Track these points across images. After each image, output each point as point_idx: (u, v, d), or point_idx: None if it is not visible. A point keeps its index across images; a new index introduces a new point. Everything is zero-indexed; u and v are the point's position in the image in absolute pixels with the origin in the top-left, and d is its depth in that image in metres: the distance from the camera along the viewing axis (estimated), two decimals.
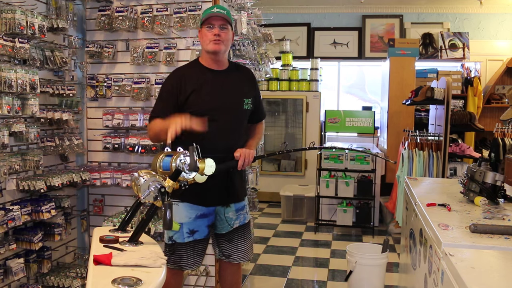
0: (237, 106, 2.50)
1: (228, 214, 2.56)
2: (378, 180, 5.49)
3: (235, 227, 2.60)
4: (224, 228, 2.58)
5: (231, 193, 2.54)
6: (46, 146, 3.04)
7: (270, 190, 6.56)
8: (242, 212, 2.62)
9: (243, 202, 2.64)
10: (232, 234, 2.60)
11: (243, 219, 2.63)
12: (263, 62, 4.00)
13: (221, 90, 2.47)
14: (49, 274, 3.14)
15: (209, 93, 2.44)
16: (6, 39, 2.57)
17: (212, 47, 2.40)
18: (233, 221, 2.58)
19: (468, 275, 1.34)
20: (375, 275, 3.42)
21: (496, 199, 2.19)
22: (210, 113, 2.40)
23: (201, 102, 2.42)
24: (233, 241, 2.61)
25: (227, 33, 2.42)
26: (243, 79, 2.60)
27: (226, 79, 2.50)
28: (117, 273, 1.50)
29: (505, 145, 4.42)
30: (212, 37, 2.38)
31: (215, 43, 2.39)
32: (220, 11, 2.41)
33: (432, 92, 4.55)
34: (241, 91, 2.53)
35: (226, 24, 2.42)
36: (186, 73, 2.50)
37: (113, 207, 3.43)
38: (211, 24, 2.40)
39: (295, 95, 6.76)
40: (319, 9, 7.19)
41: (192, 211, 2.46)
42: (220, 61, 2.50)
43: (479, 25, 6.79)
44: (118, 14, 3.26)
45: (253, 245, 4.65)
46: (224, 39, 2.41)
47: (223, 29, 2.41)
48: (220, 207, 2.54)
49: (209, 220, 2.53)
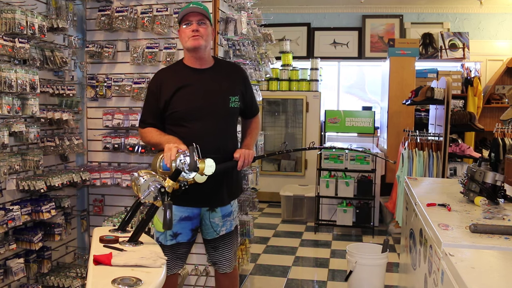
0: (223, 105, 2.43)
1: (213, 219, 2.48)
2: (378, 180, 5.50)
3: (222, 234, 2.53)
4: (210, 234, 2.52)
5: (217, 196, 2.44)
6: (46, 146, 3.04)
7: (270, 190, 6.56)
8: (229, 218, 2.53)
9: (230, 208, 2.54)
10: (218, 242, 2.53)
11: (229, 226, 2.55)
12: (263, 62, 4.00)
13: (205, 89, 2.41)
14: (49, 274, 3.14)
15: (193, 93, 2.39)
16: (6, 39, 2.56)
17: (191, 43, 2.35)
18: (219, 228, 2.50)
19: (468, 275, 1.34)
20: (375, 275, 3.42)
21: (496, 199, 2.19)
22: (194, 113, 2.37)
23: (185, 102, 2.38)
24: (219, 249, 2.55)
25: (206, 28, 2.37)
26: (229, 76, 2.52)
27: (210, 78, 2.45)
28: (117, 273, 1.50)
29: (505, 145, 4.42)
30: (191, 34, 2.34)
31: (194, 39, 2.34)
32: (196, 6, 2.38)
33: (432, 92, 4.55)
34: (226, 89, 2.45)
35: (204, 19, 2.38)
36: (168, 74, 2.48)
37: (113, 207, 3.43)
38: (189, 21, 2.36)
39: (295, 95, 6.77)
40: (319, 9, 7.20)
41: (176, 213, 2.39)
42: (202, 59, 2.44)
43: (479, 25, 6.79)
44: (118, 14, 3.26)
45: (254, 245, 4.69)
46: (203, 34, 2.35)
47: (202, 24, 2.36)
48: (205, 211, 2.48)
49: (193, 223, 2.47)
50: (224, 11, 3.33)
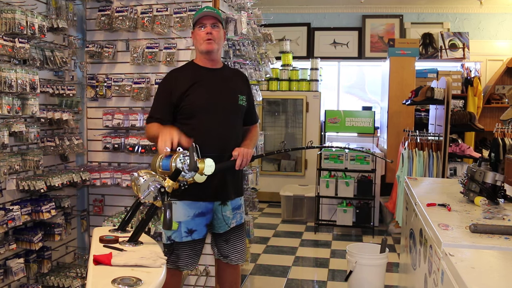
0: (233, 101, 2.58)
1: (225, 212, 2.58)
2: (378, 180, 5.50)
3: (232, 226, 2.62)
4: (222, 227, 2.60)
5: (228, 189, 2.56)
6: (46, 146, 3.04)
7: (270, 190, 6.56)
8: (238, 211, 2.65)
9: (240, 201, 2.67)
10: (229, 234, 2.63)
11: (239, 219, 2.66)
12: (263, 62, 4.00)
13: (217, 85, 2.56)
14: (49, 274, 3.14)
15: (208, 88, 2.53)
16: (6, 39, 2.57)
17: (205, 47, 2.49)
18: (230, 220, 2.60)
19: (468, 275, 1.34)
20: (375, 275, 3.42)
21: (496, 199, 2.19)
22: (208, 106, 2.49)
23: (200, 95, 2.50)
24: (230, 241, 2.64)
25: (218, 32, 2.52)
26: (236, 77, 2.70)
27: (221, 76, 2.60)
28: (117, 273, 1.50)
29: (505, 145, 4.42)
30: (205, 36, 2.48)
31: (208, 42, 2.49)
32: (210, 10, 2.54)
33: (432, 92, 4.55)
34: (236, 87, 2.62)
35: (217, 23, 2.52)
36: (181, 73, 2.61)
37: (113, 207, 3.43)
38: (203, 24, 2.50)
39: (295, 95, 6.77)
40: (319, 9, 7.20)
41: (190, 209, 2.48)
42: (214, 60, 2.59)
43: (479, 25, 6.79)
44: (118, 14, 3.26)
45: (254, 245, 4.69)
46: (216, 38, 2.50)
47: (215, 27, 2.51)
48: (217, 205, 2.56)
49: (207, 219, 2.55)
50: (224, 11, 3.32)
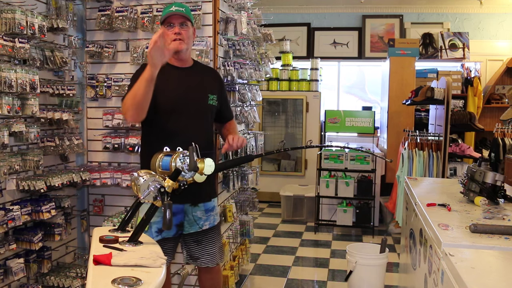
0: (201, 100, 2.55)
1: (196, 213, 2.55)
2: (378, 180, 5.50)
3: (204, 228, 2.58)
4: (193, 228, 2.56)
5: (200, 191, 2.51)
6: (46, 146, 3.04)
7: (270, 190, 6.56)
8: (212, 213, 2.61)
9: (213, 203, 2.64)
10: (201, 236, 2.58)
11: (212, 221, 2.62)
12: (263, 62, 4.00)
13: (186, 85, 2.52)
14: (49, 274, 3.14)
15: (174, 88, 2.49)
16: (6, 39, 2.56)
17: (173, 46, 2.42)
18: (202, 222, 2.56)
19: (468, 275, 1.34)
20: (375, 275, 3.42)
21: (496, 199, 2.19)
22: (174, 105, 2.46)
23: (166, 97, 2.45)
24: (201, 243, 2.59)
25: (187, 31, 2.47)
26: (208, 76, 2.66)
27: (190, 75, 2.56)
28: (117, 273, 1.50)
29: (505, 145, 4.42)
30: (173, 36, 2.43)
31: (176, 43, 2.43)
32: (178, 9, 2.44)
33: (432, 92, 4.55)
34: (206, 87, 2.58)
35: (186, 22, 2.46)
36: None
37: (113, 207, 3.43)
38: (171, 23, 2.45)
39: (295, 95, 6.77)
40: (319, 9, 7.20)
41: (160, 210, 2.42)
42: (183, 60, 2.55)
43: (479, 25, 6.79)
44: (118, 14, 3.26)
45: (254, 245, 4.69)
46: (184, 38, 2.45)
47: (184, 26, 2.45)
48: (188, 206, 2.53)
49: (177, 219, 2.52)
50: (224, 11, 3.33)
